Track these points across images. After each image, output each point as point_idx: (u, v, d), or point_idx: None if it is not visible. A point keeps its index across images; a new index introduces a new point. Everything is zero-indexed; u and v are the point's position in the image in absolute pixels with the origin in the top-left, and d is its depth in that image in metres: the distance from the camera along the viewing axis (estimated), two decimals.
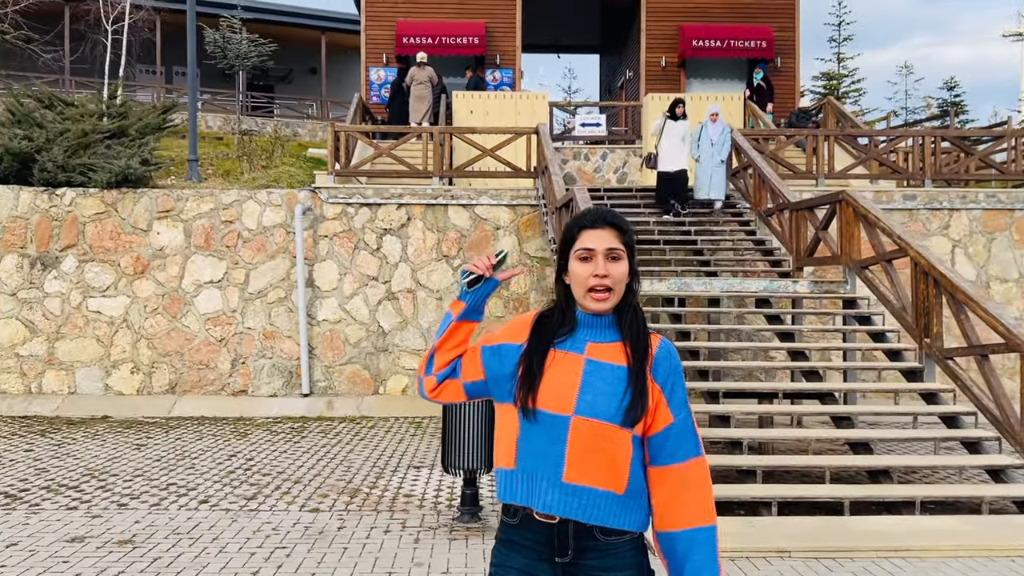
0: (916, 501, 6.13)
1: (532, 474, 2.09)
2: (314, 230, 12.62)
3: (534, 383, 2.10)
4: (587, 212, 2.22)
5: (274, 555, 5.41)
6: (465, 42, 18.03)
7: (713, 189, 12.05)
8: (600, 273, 2.11)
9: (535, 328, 2.19)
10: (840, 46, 27.25)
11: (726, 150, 12.12)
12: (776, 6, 18.52)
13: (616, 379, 2.10)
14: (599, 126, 17.42)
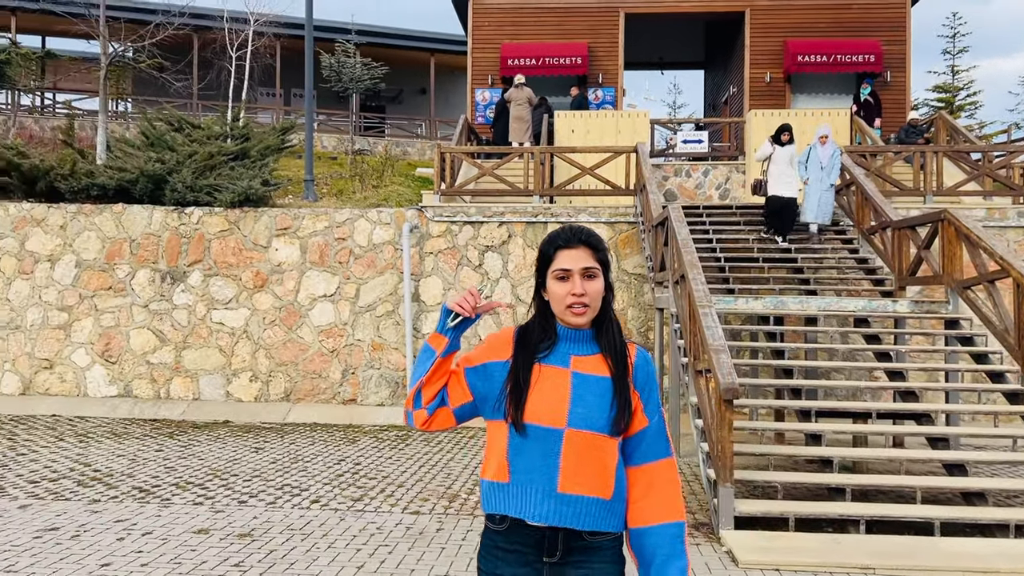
0: (1011, 524, 6.07)
1: (525, 486, 2.17)
2: (420, 247, 13.21)
3: (523, 398, 2.19)
4: (561, 232, 2.31)
5: (377, 552, 5.86)
6: (568, 62, 18.42)
7: (820, 214, 11.80)
8: (577, 292, 2.21)
9: (519, 343, 2.29)
10: (955, 58, 26.31)
11: (835, 174, 11.81)
12: (885, 19, 18.14)
13: (602, 390, 2.21)
14: (701, 143, 17.48)
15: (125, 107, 29.27)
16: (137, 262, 13.44)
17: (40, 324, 13.32)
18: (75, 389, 13.19)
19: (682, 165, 16.92)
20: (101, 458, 8.96)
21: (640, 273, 12.76)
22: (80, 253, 13.50)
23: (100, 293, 13.37)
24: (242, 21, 23.51)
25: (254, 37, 23.84)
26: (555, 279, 2.24)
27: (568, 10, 18.95)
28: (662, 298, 10.25)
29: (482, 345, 2.36)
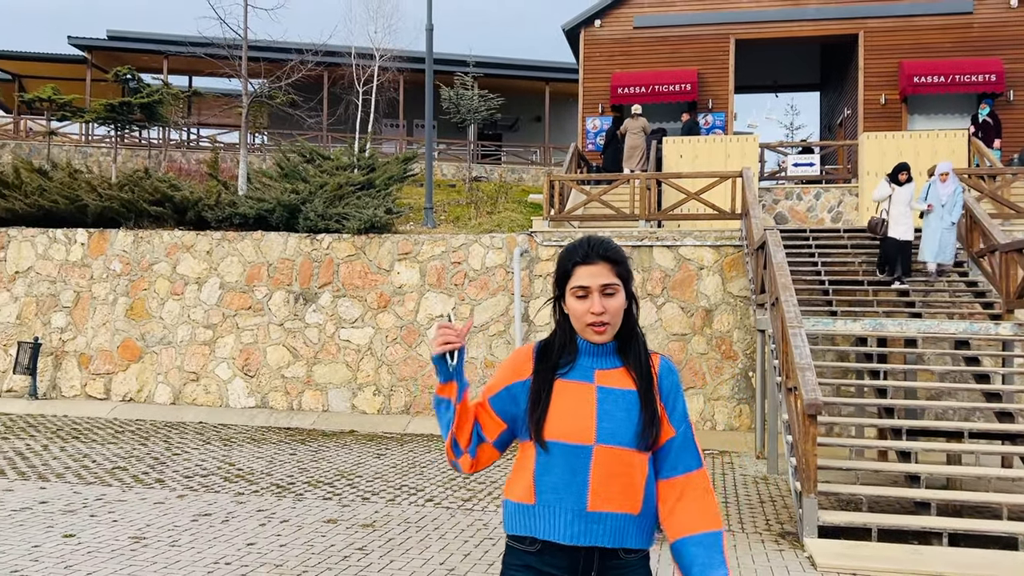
0: None
1: (554, 507, 2.13)
2: (530, 270, 13.96)
3: (544, 415, 2.15)
4: (579, 245, 2.24)
5: (482, 544, 6.56)
6: (677, 89, 18.90)
7: (941, 253, 11.31)
8: (596, 311, 2.15)
9: (539, 360, 2.24)
10: None
11: (957, 212, 11.31)
12: (1006, 37, 17.76)
13: (629, 404, 2.16)
14: (812, 165, 17.57)
15: (262, 140, 31.57)
16: (273, 284, 14.76)
17: (188, 340, 14.80)
18: (218, 400, 14.57)
19: (793, 188, 17.06)
20: (243, 459, 10.07)
21: (745, 296, 13.07)
22: (224, 276, 14.95)
23: (241, 312, 14.75)
24: (368, 57, 25.14)
25: (379, 72, 25.42)
26: (574, 296, 2.20)
27: (678, 38, 19.45)
28: (762, 320, 10.61)
29: (502, 367, 2.31)
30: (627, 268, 2.24)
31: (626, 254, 2.27)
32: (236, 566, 5.82)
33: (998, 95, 17.44)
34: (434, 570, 5.85)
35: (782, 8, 18.84)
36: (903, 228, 11.46)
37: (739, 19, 19.06)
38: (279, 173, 18.16)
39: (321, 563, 5.95)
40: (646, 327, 13.36)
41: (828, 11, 18.67)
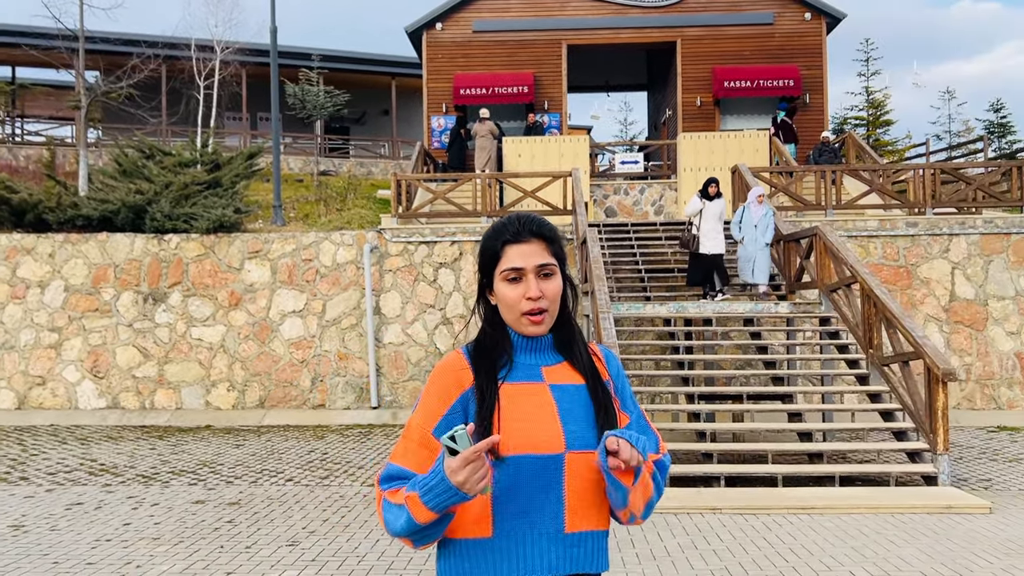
0: (835, 476, 7.94)
1: (520, 537, 1.82)
2: (380, 265, 14.93)
3: (491, 424, 1.83)
4: (508, 222, 1.97)
5: (339, 511, 7.58)
6: (515, 91, 20.28)
7: (757, 273, 11.84)
8: (533, 295, 1.89)
9: (475, 365, 1.92)
10: (868, 80, 28.71)
11: (770, 233, 11.88)
12: (803, 46, 20.20)
13: (584, 401, 1.91)
14: (637, 163, 19.40)
15: (96, 135, 30.72)
16: (121, 285, 15.03)
17: (33, 344, 14.85)
18: (67, 403, 14.73)
19: (621, 184, 18.81)
20: (104, 455, 10.59)
21: (577, 284, 14.56)
22: (68, 279, 15.07)
23: (88, 314, 14.94)
24: (209, 50, 25.16)
25: (221, 66, 25.48)
26: (505, 281, 1.92)
27: (515, 43, 20.83)
28: (587, 306, 12.08)
29: (431, 389, 1.94)
30: (562, 248, 1.99)
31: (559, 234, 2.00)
32: (116, 542, 6.59)
33: (796, 99, 19.83)
34: (297, 533, 6.83)
35: (609, 16, 20.57)
36: (714, 243, 11.93)
37: (570, 26, 20.65)
38: (118, 171, 18.16)
39: (195, 534, 6.80)
40: None
41: (649, 20, 20.56)
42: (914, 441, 8.45)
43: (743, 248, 11.96)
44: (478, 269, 2.02)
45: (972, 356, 13.78)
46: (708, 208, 12.13)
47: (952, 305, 13.90)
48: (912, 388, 8.50)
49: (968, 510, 7.32)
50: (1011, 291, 13.95)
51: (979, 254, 14.08)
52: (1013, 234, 14.07)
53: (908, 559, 6.03)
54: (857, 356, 9.84)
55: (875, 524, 6.95)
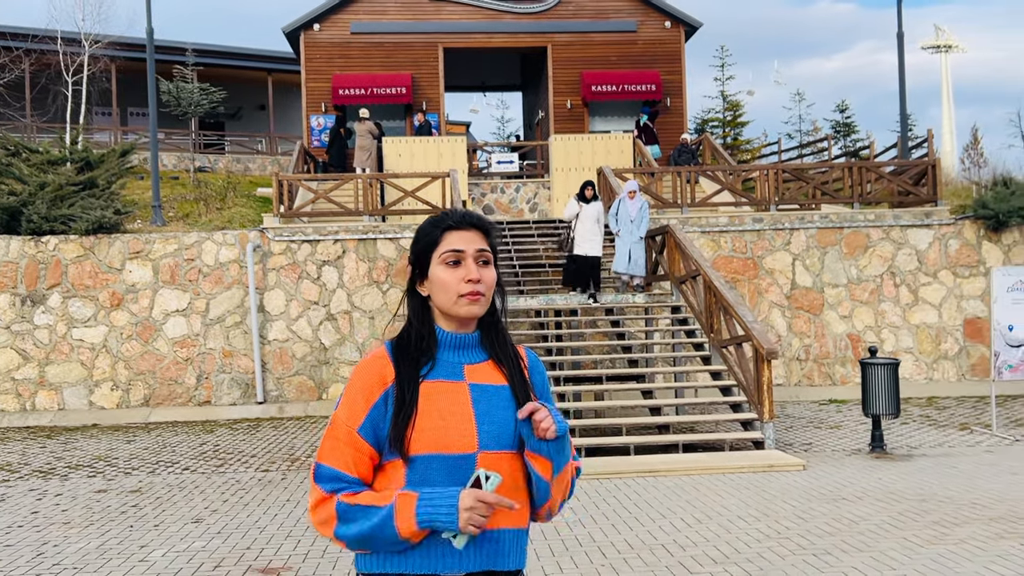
0: (679, 444, 9.25)
1: (434, 534, 1.86)
2: (263, 264, 15.49)
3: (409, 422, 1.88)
4: (449, 213, 2.03)
5: (237, 493, 8.34)
6: (394, 92, 21.07)
7: (633, 265, 12.34)
8: (473, 277, 1.94)
9: (397, 360, 1.95)
10: (724, 84, 31.09)
11: (645, 226, 12.36)
12: (664, 52, 21.83)
13: (504, 402, 1.96)
14: (512, 163, 20.56)
15: None
16: None
17: None
18: None
19: (497, 183, 19.92)
20: None
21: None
22: None
23: None
24: (77, 44, 24.77)
25: (90, 61, 25.11)
26: (444, 264, 1.96)
27: (393, 44, 21.60)
28: None
29: (354, 385, 1.97)
30: (497, 244, 2.06)
31: None
32: (28, 527, 7.16)
33: (658, 102, 21.42)
34: (200, 512, 7.57)
35: (483, 21, 21.62)
36: (591, 244, 12.28)
37: (447, 29, 21.58)
38: None
39: (103, 518, 7.44)
40: (373, 311, 15.45)
41: (522, 26, 21.73)
42: (746, 412, 9.88)
43: (619, 240, 12.44)
44: (411, 261, 2.04)
45: (811, 338, 15.56)
46: (585, 211, 12.51)
47: (793, 292, 15.64)
48: (744, 366, 9.92)
49: (786, 468, 8.75)
50: (844, 279, 15.80)
51: (816, 246, 15.85)
52: (845, 228, 15.91)
53: (728, 506, 7.34)
54: (701, 340, 11.26)
55: (708, 482, 8.26)
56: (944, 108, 46.99)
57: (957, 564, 5.66)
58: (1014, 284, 10.35)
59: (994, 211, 15.31)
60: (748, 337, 9.63)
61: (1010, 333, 10.31)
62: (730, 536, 6.45)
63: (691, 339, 11.56)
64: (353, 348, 15.41)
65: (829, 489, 7.90)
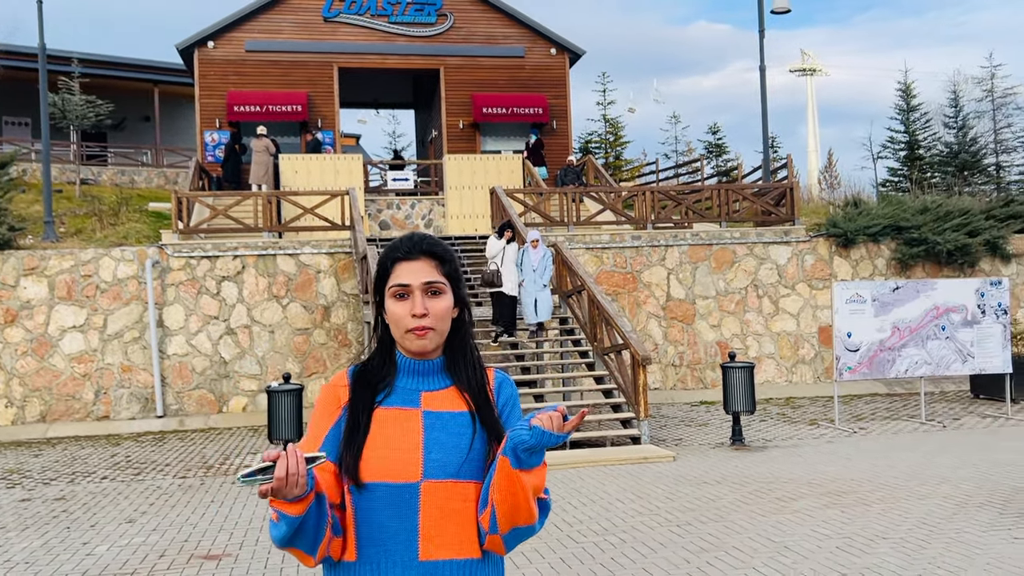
0: (566, 442, 10.42)
1: (379, 561, 1.88)
2: (162, 280, 15.93)
3: (360, 449, 1.88)
4: (401, 242, 2.00)
5: (160, 498, 9.01)
6: (290, 109, 21.71)
7: (540, 313, 12.57)
8: (418, 312, 1.91)
9: (355, 384, 1.97)
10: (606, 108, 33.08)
11: (548, 275, 12.68)
12: (550, 78, 23.28)
13: (459, 428, 1.93)
14: (407, 180, 21.53)
15: None
16: None
17: None
18: None
19: (393, 199, 20.82)
20: None
21: (356, 293, 16.38)
22: None
23: None
24: None
25: None
26: (392, 297, 1.96)
27: (288, 63, 22.23)
28: (368, 314, 13.98)
29: (315, 413, 2.01)
30: (455, 268, 2.02)
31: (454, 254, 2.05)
32: None
33: (544, 124, 22.81)
34: (131, 514, 8.24)
35: (378, 43, 22.53)
36: (510, 284, 12.67)
37: (341, 50, 22.38)
38: None
39: (37, 522, 8.02)
40: (273, 325, 16.11)
41: (415, 48, 22.76)
42: (625, 412, 11.18)
43: (524, 291, 12.71)
44: (373, 288, 2.06)
45: (684, 345, 17.13)
46: (508, 251, 12.92)
47: (668, 304, 17.18)
48: (624, 371, 11.23)
49: (659, 459, 10.06)
50: (713, 291, 17.46)
51: (688, 261, 17.47)
52: (714, 245, 17.59)
53: (608, 492, 8.56)
54: (586, 348, 12.53)
55: (592, 473, 9.48)
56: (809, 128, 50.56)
57: (791, 528, 7.02)
58: (852, 296, 12.05)
59: (843, 230, 17.29)
60: (627, 345, 10.93)
61: (849, 339, 12.01)
62: (609, 514, 7.65)
63: (577, 348, 12.81)
64: (253, 362, 16.02)
65: (694, 475, 9.23)
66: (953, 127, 28.92)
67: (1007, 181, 28.08)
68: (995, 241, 17.60)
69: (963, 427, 11.99)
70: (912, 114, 29.78)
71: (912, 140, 29.54)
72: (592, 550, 6.59)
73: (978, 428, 11.88)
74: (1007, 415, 12.84)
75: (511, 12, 23.17)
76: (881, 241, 17.64)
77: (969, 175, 27.20)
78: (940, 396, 15.38)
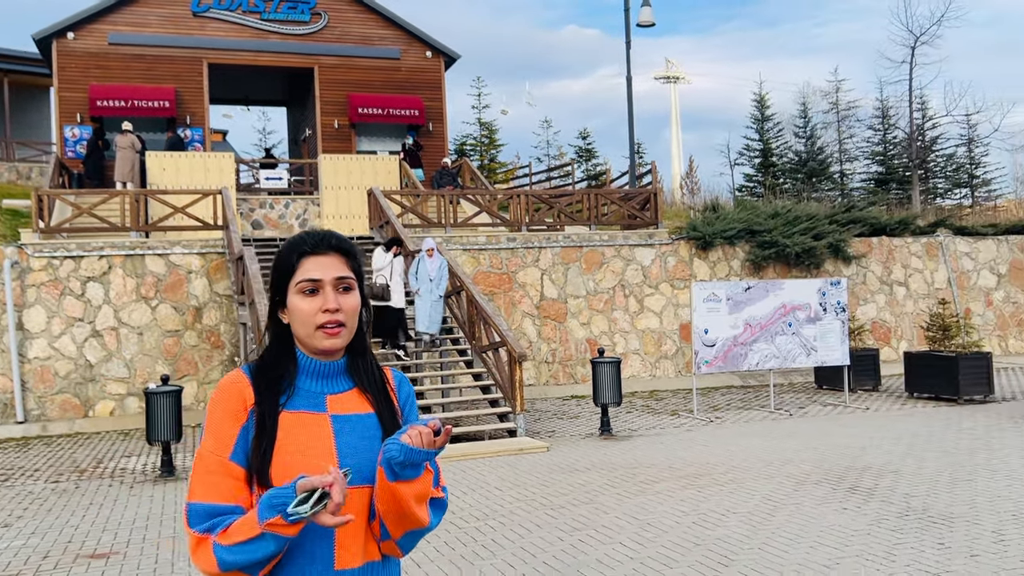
0: None
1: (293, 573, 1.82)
2: (22, 280, 15.41)
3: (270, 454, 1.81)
4: (306, 236, 1.94)
5: (35, 503, 8.91)
6: (156, 105, 21.23)
7: (432, 324, 12.68)
8: (331, 307, 1.86)
9: (257, 385, 1.88)
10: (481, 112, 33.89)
11: (444, 285, 12.74)
12: (426, 80, 23.68)
13: (368, 431, 1.90)
14: (281, 179, 21.44)
15: None
16: None
17: None
18: None
19: (266, 199, 20.71)
20: None
21: (229, 295, 16.30)
22: None
23: None
24: None
25: None
26: (300, 293, 1.88)
27: (155, 57, 21.74)
28: (244, 315, 14.01)
29: (215, 416, 1.88)
30: (361, 265, 1.99)
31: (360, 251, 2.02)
32: None
33: (421, 126, 23.19)
34: (6, 519, 8.16)
35: (250, 40, 22.33)
36: (398, 297, 12.73)
37: (211, 45, 22.06)
38: None
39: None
40: (141, 327, 15.83)
41: (289, 46, 22.68)
42: (502, 407, 11.74)
43: (419, 299, 12.75)
44: (270, 286, 1.97)
45: (557, 343, 17.89)
46: (395, 264, 12.93)
47: (542, 303, 17.90)
48: (500, 368, 11.79)
49: (534, 450, 10.67)
50: (583, 291, 18.30)
51: (561, 262, 18.25)
52: (584, 247, 18.44)
53: (488, 481, 9.09)
54: (465, 347, 13.02)
55: (472, 465, 9.99)
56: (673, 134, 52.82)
57: (653, 507, 7.73)
58: (708, 296, 13.05)
59: (702, 233, 18.48)
60: (503, 343, 11.50)
61: (706, 335, 13.00)
62: (489, 501, 8.17)
63: (456, 346, 13.29)
64: (121, 364, 15.71)
65: (566, 464, 9.89)
66: (803, 137, 31.10)
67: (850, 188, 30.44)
68: (838, 244, 19.21)
69: (807, 415, 13.18)
70: (766, 123, 31.83)
71: (766, 148, 31.55)
72: (474, 533, 7.10)
73: (820, 416, 13.10)
74: (845, 403, 14.17)
75: (386, 14, 23.43)
76: (737, 244, 18.94)
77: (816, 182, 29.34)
78: (788, 387, 16.74)
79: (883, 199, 26.48)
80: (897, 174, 30.98)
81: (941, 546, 6.33)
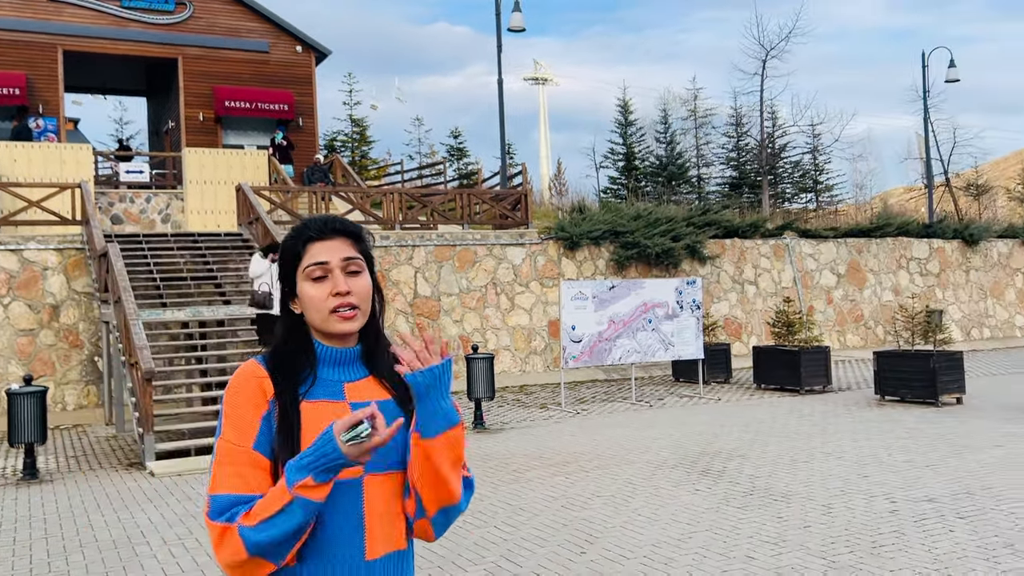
0: None
1: (322, 567, 1.81)
2: None
3: (298, 445, 1.79)
4: (310, 222, 1.94)
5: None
6: (7, 92, 20.22)
7: None
8: (341, 289, 1.85)
9: (276, 375, 1.86)
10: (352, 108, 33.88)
11: None
12: (296, 75, 23.51)
13: (388, 417, 1.85)
14: (142, 173, 20.84)
15: None
16: None
17: None
18: None
19: (126, 193, 20.09)
20: None
21: (89, 292, 15.81)
22: None
23: None
24: None
25: None
26: (309, 280, 1.88)
27: (5, 42, 20.69)
28: (107, 313, 13.67)
29: (235, 405, 1.85)
30: (369, 248, 1.99)
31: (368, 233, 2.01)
32: None
33: (290, 122, 23.00)
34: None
35: (108, 27, 21.57)
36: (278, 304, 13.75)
37: (67, 31, 21.19)
38: None
39: None
40: None
41: (150, 35, 22.04)
42: None
43: None
44: (280, 278, 1.97)
45: None
46: (275, 270, 12.73)
47: (416, 301, 18.20)
48: None
49: None
50: (456, 289, 18.72)
51: (434, 261, 18.59)
52: (458, 246, 18.85)
53: None
54: None
55: None
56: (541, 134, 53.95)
57: (524, 494, 8.24)
58: (576, 294, 13.73)
59: (570, 234, 19.24)
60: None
61: (573, 332, 13.67)
62: None
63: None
64: None
65: None
66: (663, 141, 32.59)
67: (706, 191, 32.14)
68: (694, 245, 20.39)
69: (666, 406, 14.07)
70: (629, 128, 33.14)
71: (629, 152, 32.89)
72: None
73: (677, 406, 14.01)
74: (700, 395, 15.18)
75: (254, 6, 23.12)
76: (602, 244, 19.81)
77: (676, 185, 30.84)
78: (649, 380, 17.70)
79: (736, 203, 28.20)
80: (749, 179, 33.00)
81: (779, 519, 7.10)
